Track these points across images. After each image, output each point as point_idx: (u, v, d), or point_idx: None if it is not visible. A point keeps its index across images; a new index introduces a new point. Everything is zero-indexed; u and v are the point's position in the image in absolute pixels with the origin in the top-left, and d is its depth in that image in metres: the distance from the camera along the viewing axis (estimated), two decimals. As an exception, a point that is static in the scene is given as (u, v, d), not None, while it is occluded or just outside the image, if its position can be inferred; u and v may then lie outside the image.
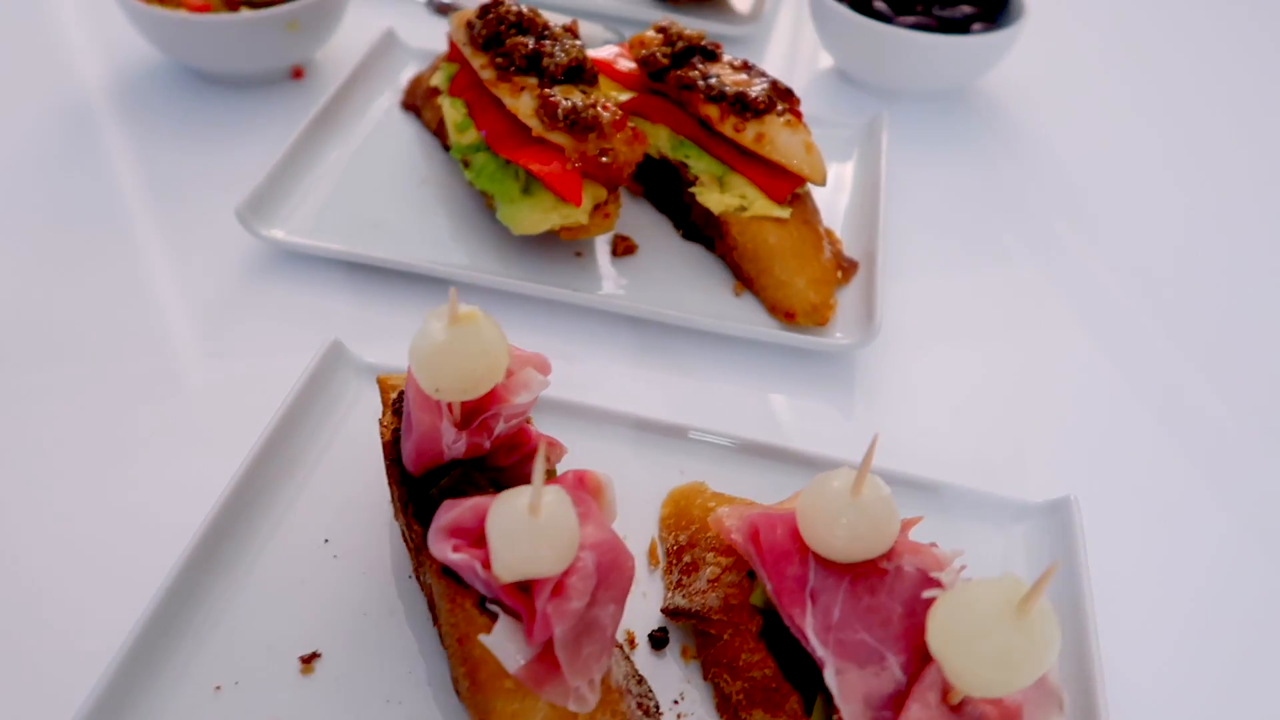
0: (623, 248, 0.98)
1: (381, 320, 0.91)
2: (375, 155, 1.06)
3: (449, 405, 0.61)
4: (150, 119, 1.12)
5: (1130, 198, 1.18)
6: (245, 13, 1.07)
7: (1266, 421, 0.91)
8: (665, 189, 1.02)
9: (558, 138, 0.89)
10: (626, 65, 1.07)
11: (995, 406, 0.89)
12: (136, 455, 0.77)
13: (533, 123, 0.90)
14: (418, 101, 1.11)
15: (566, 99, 0.90)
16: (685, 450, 0.78)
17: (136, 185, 1.04)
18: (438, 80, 1.06)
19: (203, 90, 1.17)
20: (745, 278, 0.94)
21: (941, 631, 0.50)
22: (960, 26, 1.21)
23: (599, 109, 0.90)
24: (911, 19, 1.20)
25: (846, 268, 0.96)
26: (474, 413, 0.63)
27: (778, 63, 1.34)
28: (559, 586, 0.55)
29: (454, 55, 1.06)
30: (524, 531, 0.54)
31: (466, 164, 0.98)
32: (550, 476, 0.65)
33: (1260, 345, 0.99)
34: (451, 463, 0.64)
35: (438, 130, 1.08)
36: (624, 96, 1.04)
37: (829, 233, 0.99)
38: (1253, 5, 1.60)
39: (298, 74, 1.20)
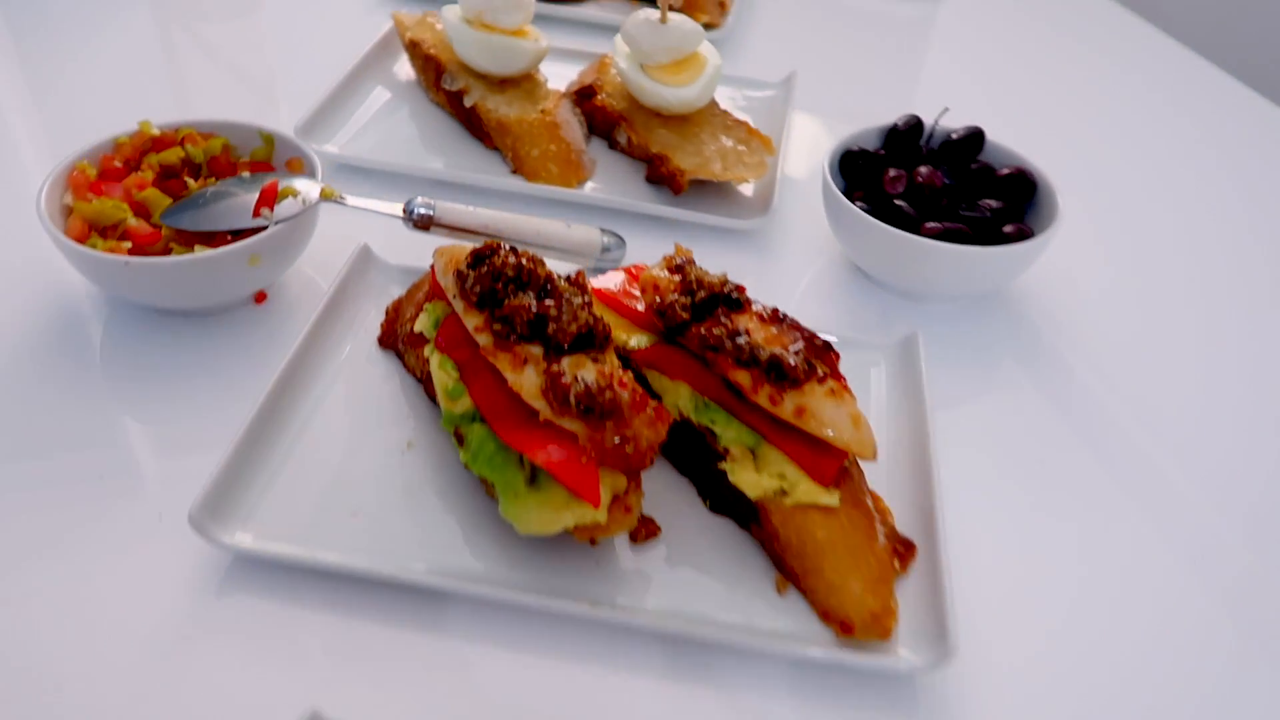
0: (644, 534, 0.84)
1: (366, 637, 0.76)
2: (351, 409, 0.93)
3: None
4: (89, 359, 0.99)
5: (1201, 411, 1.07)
6: (201, 251, 0.94)
7: None
8: (689, 453, 0.90)
9: (570, 424, 0.77)
10: (636, 293, 0.97)
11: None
12: None
13: (539, 405, 0.78)
14: (399, 344, 0.98)
15: (578, 377, 0.77)
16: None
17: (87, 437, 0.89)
18: (422, 325, 0.93)
19: (151, 321, 1.03)
20: (789, 572, 0.81)
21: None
22: (989, 226, 1.12)
23: (616, 388, 0.78)
24: (937, 225, 1.10)
25: (903, 553, 0.83)
26: None
27: (789, 259, 1.23)
28: None
29: (439, 294, 0.94)
30: None
31: (460, 438, 0.84)
32: None
33: None
34: None
35: (423, 379, 0.95)
36: (635, 340, 0.92)
37: (876, 499, 0.86)
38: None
39: (260, 298, 1.07)
